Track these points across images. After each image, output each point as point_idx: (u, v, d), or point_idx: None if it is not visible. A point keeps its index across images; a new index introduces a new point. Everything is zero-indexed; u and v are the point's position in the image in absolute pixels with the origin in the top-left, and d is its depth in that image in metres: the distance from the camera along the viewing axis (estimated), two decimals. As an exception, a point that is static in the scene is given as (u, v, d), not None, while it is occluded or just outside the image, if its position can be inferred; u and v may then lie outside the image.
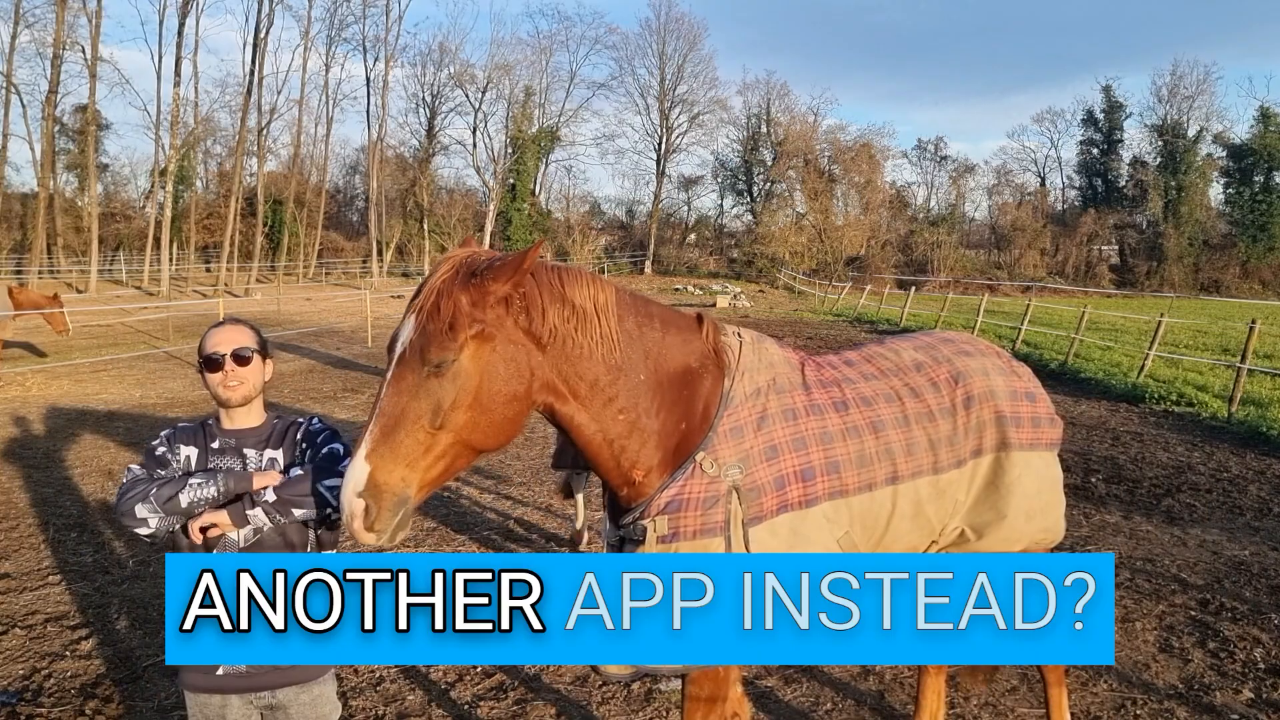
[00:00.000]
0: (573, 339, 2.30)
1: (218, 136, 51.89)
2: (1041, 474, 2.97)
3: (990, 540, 2.94)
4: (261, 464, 2.51)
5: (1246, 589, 5.67)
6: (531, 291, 2.27)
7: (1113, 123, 58.08)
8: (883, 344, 3.08)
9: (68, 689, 4.19)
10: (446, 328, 2.15)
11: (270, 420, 2.60)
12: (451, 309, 2.16)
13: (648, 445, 2.44)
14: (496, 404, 2.22)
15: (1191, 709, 4.13)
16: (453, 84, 54.71)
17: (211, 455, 2.50)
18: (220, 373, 2.46)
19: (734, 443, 2.47)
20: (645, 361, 2.44)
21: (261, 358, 2.54)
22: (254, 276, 45.37)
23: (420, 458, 2.15)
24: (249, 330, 2.56)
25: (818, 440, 2.60)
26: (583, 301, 2.33)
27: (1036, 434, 2.97)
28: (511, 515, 7.15)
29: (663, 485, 2.45)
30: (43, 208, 39.19)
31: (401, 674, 4.40)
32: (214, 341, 2.49)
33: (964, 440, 2.85)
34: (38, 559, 5.90)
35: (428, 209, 53.24)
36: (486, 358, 2.20)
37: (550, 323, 2.27)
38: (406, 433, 2.13)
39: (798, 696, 4.22)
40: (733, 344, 2.63)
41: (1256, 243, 52.66)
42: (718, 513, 2.41)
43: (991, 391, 2.91)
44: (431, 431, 2.15)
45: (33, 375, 13.90)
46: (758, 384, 2.58)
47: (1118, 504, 7.66)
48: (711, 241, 63.78)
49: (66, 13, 37.56)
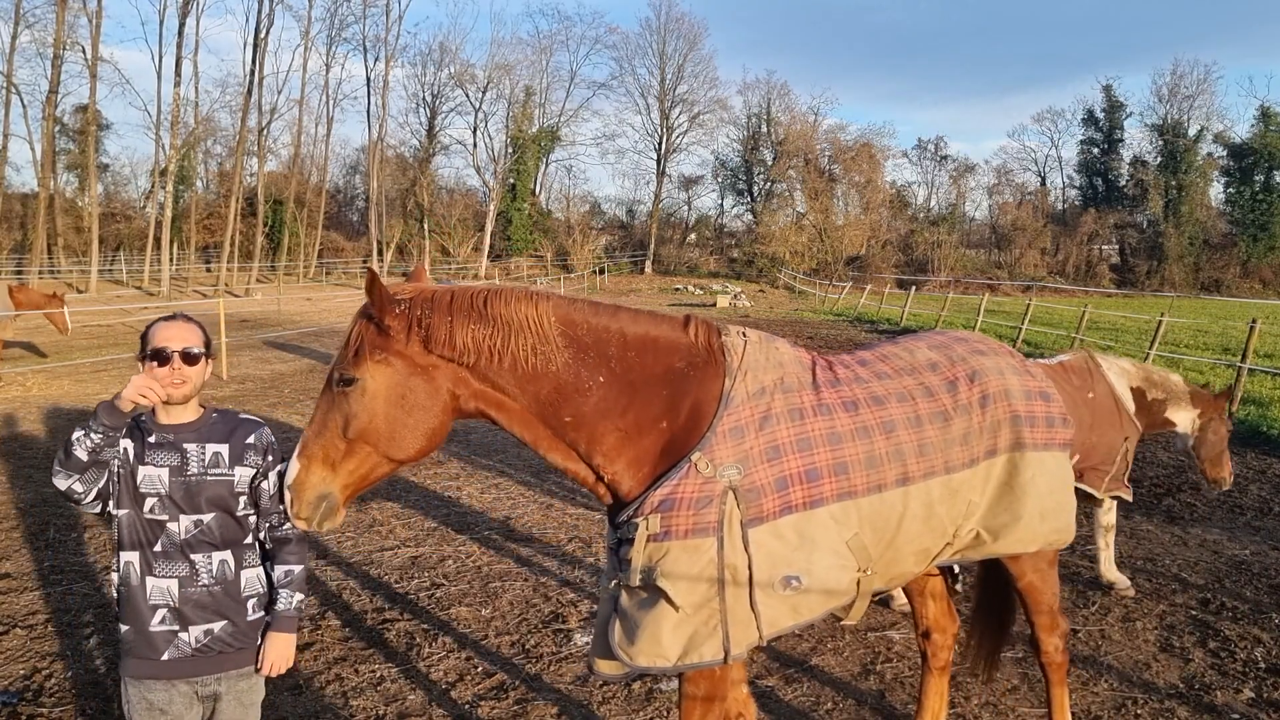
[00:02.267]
0: (499, 353, 2.46)
1: (218, 136, 51.90)
2: (1055, 474, 2.97)
3: (1006, 542, 2.93)
4: (204, 458, 2.52)
5: (1247, 588, 5.67)
6: (435, 320, 2.44)
7: (1113, 122, 58.06)
8: (896, 343, 3.06)
9: (68, 689, 4.19)
10: (352, 354, 2.43)
11: (208, 414, 2.61)
12: (358, 336, 2.45)
13: (608, 443, 2.51)
14: (404, 421, 2.43)
15: (1192, 708, 4.13)
16: (453, 84, 54.75)
17: (148, 450, 2.50)
18: (167, 368, 2.46)
19: (733, 443, 2.46)
20: (605, 364, 2.51)
21: (207, 359, 2.56)
22: (254, 276, 45.35)
23: (339, 462, 2.44)
24: (198, 329, 2.57)
25: (825, 441, 2.58)
26: (508, 317, 2.47)
27: (1051, 434, 2.97)
28: (512, 515, 7.15)
29: (656, 483, 2.45)
30: (43, 208, 39.17)
31: (402, 674, 4.40)
32: (164, 336, 2.48)
33: (978, 439, 2.83)
34: (38, 559, 5.90)
35: (428, 209, 53.21)
36: (389, 379, 2.42)
37: (460, 344, 2.44)
38: (326, 439, 2.44)
39: (798, 696, 4.22)
40: (735, 344, 2.62)
41: (1257, 242, 52.65)
42: (711, 513, 2.40)
43: (1007, 391, 2.91)
44: (347, 441, 2.42)
45: (33, 375, 13.91)
46: (763, 383, 2.57)
47: (1118, 503, 7.64)
48: (712, 241, 63.77)
49: (67, 13, 37.55)
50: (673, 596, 2.38)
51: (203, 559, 2.51)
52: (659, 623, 2.42)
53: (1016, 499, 2.88)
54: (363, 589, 5.53)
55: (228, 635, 2.54)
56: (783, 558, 2.46)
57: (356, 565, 5.94)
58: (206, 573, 2.51)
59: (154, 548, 2.48)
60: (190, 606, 2.49)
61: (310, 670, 4.43)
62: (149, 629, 2.48)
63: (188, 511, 2.49)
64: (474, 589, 5.54)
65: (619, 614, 2.52)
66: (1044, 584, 3.21)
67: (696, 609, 2.41)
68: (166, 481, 2.48)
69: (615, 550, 2.57)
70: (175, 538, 2.49)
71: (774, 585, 2.45)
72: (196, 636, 2.50)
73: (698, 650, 2.42)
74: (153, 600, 2.48)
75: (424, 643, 4.76)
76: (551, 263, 54.36)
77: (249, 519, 2.60)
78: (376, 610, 5.20)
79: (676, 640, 2.42)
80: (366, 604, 5.29)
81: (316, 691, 4.22)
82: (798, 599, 2.50)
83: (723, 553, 2.40)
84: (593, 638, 2.69)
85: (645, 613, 2.45)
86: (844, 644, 4.77)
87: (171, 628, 2.49)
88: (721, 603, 2.41)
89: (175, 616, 2.49)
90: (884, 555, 2.69)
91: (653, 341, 2.56)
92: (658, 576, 2.40)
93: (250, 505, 2.60)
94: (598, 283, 47.78)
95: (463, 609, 5.22)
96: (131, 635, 2.50)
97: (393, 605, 5.28)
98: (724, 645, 2.42)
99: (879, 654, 4.67)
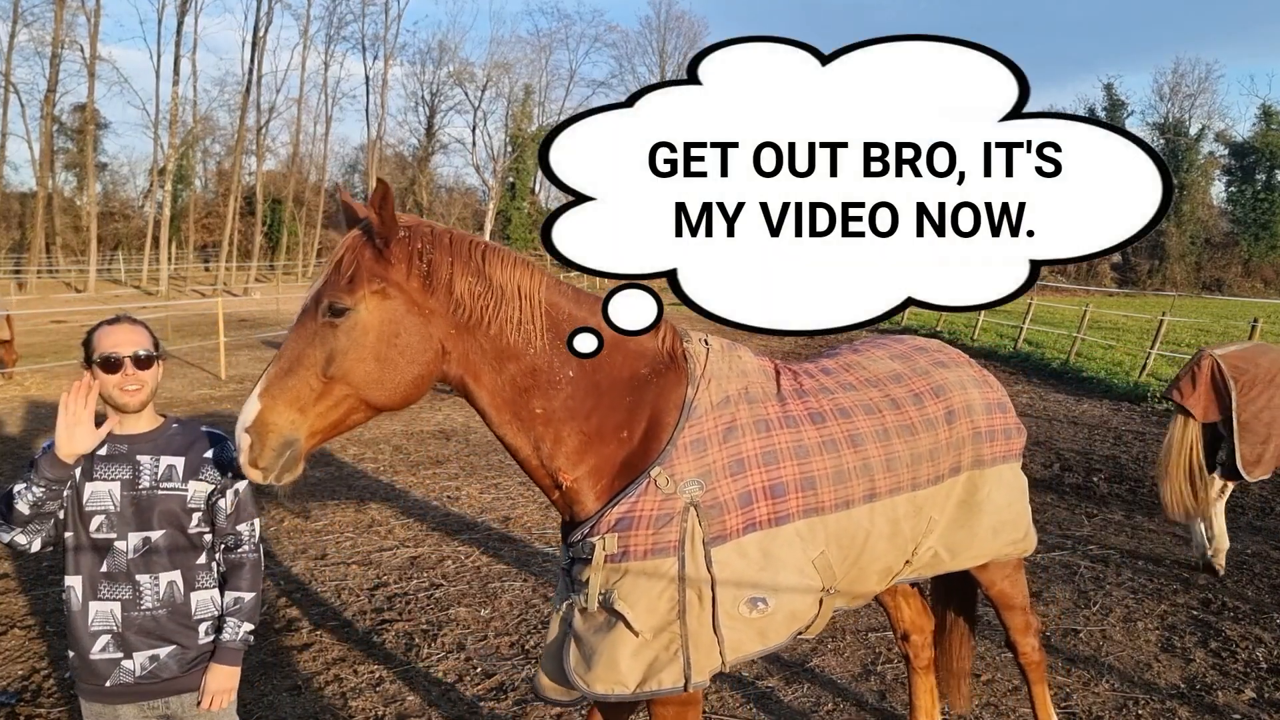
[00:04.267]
0: (487, 317, 2.25)
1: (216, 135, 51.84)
2: (1010, 485, 2.95)
3: (961, 559, 2.90)
4: (158, 471, 2.37)
5: (1248, 588, 5.66)
6: (437, 258, 2.23)
7: (1115, 121, 58.09)
8: (858, 351, 2.97)
9: (68, 689, 4.17)
10: (347, 279, 2.16)
11: (168, 424, 2.47)
12: (354, 262, 2.18)
13: (569, 446, 2.34)
14: (394, 363, 2.18)
15: (1193, 708, 4.12)
16: (452, 82, 54.72)
17: (98, 464, 2.34)
18: (119, 374, 2.32)
19: (695, 456, 2.32)
20: (575, 358, 2.32)
21: (159, 361, 2.43)
22: (253, 275, 45.34)
23: (311, 404, 2.14)
24: (145, 330, 2.42)
25: (792, 454, 2.45)
26: (502, 280, 2.26)
27: (1007, 446, 2.95)
28: (511, 515, 7.13)
29: (614, 500, 2.31)
30: (41, 207, 39.17)
31: (401, 674, 4.39)
32: (111, 341, 2.33)
33: (945, 456, 2.76)
34: (37, 559, 5.89)
35: (427, 208, 53.19)
36: (386, 314, 2.17)
37: (458, 293, 2.22)
38: (299, 378, 2.13)
39: (798, 697, 4.20)
40: (698, 351, 2.47)
41: (1258, 241, 52.66)
42: (671, 531, 2.27)
43: (969, 407, 2.86)
44: (325, 380, 2.14)
45: (31, 375, 13.89)
46: (727, 393, 2.43)
47: (1120, 503, 7.64)
48: (712, 240, 63.69)
49: (65, 11, 37.57)
50: (631, 621, 2.26)
51: (149, 580, 2.36)
52: (616, 648, 2.29)
53: (972, 516, 2.85)
54: (362, 589, 5.52)
55: (174, 662, 2.40)
56: (748, 578, 2.34)
57: (355, 565, 5.93)
58: (152, 595, 2.36)
59: (100, 568, 2.34)
60: (133, 632, 2.35)
61: (309, 670, 4.42)
62: (90, 656, 2.34)
63: (136, 528, 2.35)
64: (473, 589, 5.52)
65: (575, 638, 2.38)
66: (1014, 589, 3.20)
67: (656, 633, 2.29)
68: (117, 496, 2.34)
69: (568, 570, 2.42)
70: (122, 557, 2.34)
71: (739, 607, 2.33)
72: (141, 663, 2.36)
73: (657, 677, 2.29)
74: (94, 626, 2.34)
75: (423, 643, 4.74)
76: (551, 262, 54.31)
77: (203, 537, 2.46)
78: (375, 610, 5.19)
79: (636, 667, 2.29)
80: (365, 604, 5.28)
81: (316, 691, 4.20)
82: (764, 622, 2.38)
83: (684, 573, 2.27)
84: (542, 660, 2.55)
85: (602, 637, 2.32)
86: (844, 644, 4.75)
87: (114, 655, 2.35)
88: (683, 627, 2.28)
89: (118, 643, 2.35)
90: (849, 574, 2.60)
91: (623, 343, 2.39)
92: (615, 600, 2.27)
93: (205, 523, 2.45)
94: (597, 282, 47.76)
95: (462, 609, 5.21)
96: (76, 661, 2.38)
97: (392, 605, 5.26)
98: (685, 671, 2.29)
99: (879, 654, 4.65)
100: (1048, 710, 3.43)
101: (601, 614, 2.33)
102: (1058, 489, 8.06)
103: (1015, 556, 3.11)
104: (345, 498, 7.58)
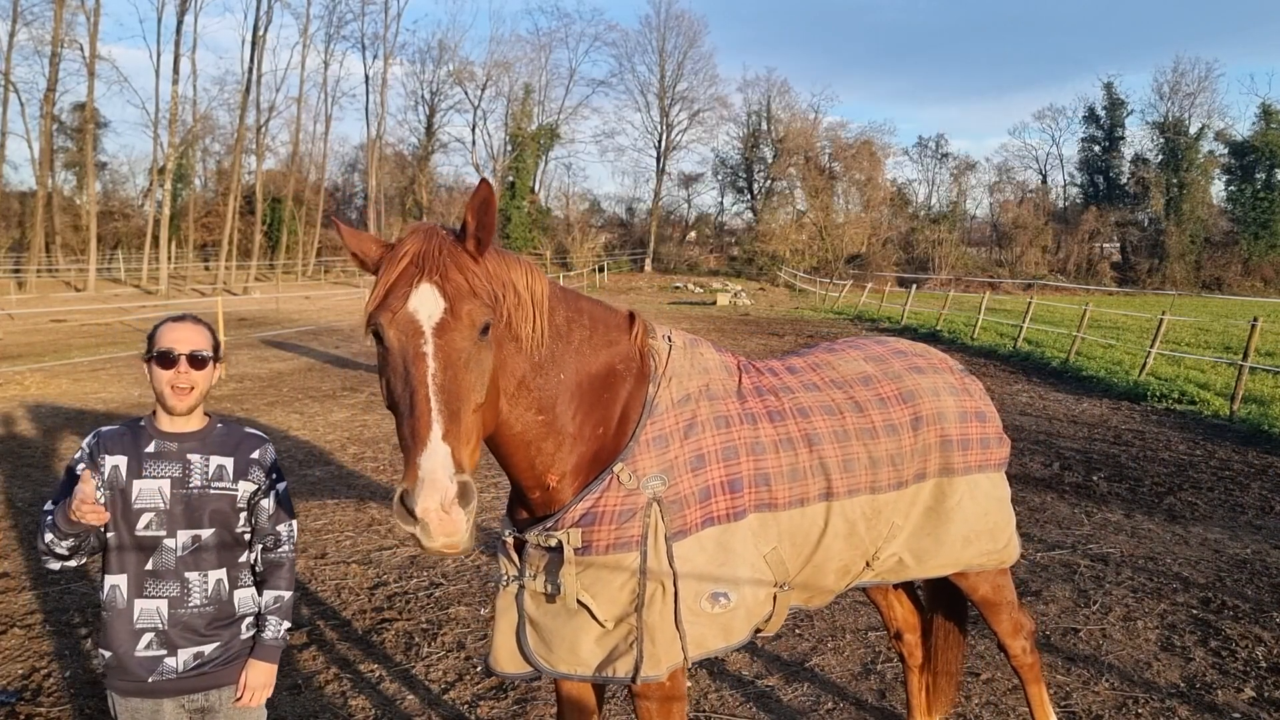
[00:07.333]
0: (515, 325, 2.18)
1: (216, 134, 51.95)
2: (990, 494, 2.93)
3: (928, 567, 2.89)
4: (208, 471, 2.39)
5: (1248, 587, 5.66)
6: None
7: (1114, 120, 58.02)
8: (833, 352, 2.97)
9: (66, 688, 4.18)
10: (489, 292, 2.03)
11: (213, 424, 2.48)
12: (484, 276, 2.04)
13: (563, 449, 2.33)
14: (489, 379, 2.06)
15: (1193, 708, 4.12)
16: (452, 81, 54.79)
17: (147, 461, 2.35)
18: (172, 371, 2.33)
19: (657, 452, 2.35)
20: (569, 360, 2.32)
21: (215, 363, 2.43)
22: (253, 274, 45.35)
23: (473, 441, 1.93)
24: (208, 332, 2.43)
25: (748, 450, 2.47)
26: (523, 289, 2.17)
27: (985, 455, 2.92)
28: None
29: (578, 496, 2.33)
30: (41, 206, 39.17)
31: (401, 674, 4.39)
32: (172, 337, 2.35)
33: (909, 462, 2.76)
34: (36, 559, 5.88)
35: (427, 207, 53.21)
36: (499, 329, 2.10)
37: (506, 305, 2.12)
38: (466, 413, 1.90)
39: (798, 696, 4.20)
40: (660, 348, 2.49)
41: (1258, 240, 52.66)
42: (633, 527, 2.29)
43: (940, 414, 2.84)
44: (478, 407, 1.96)
45: (31, 374, 13.88)
46: (687, 390, 2.46)
47: (1119, 502, 7.64)
48: (712, 239, 63.73)
49: (65, 10, 37.56)
50: (595, 612, 2.30)
51: (198, 578, 2.38)
52: (579, 634, 2.33)
53: (940, 524, 2.83)
54: (362, 589, 5.52)
55: (217, 656, 2.44)
56: (709, 573, 2.36)
57: (355, 564, 5.93)
58: (200, 593, 2.38)
59: (145, 566, 2.35)
60: (179, 629, 2.37)
61: (310, 670, 4.42)
62: (134, 654, 2.35)
63: (186, 526, 2.36)
64: (473, 589, 5.52)
65: (532, 622, 2.41)
66: (998, 594, 3.16)
67: (617, 623, 2.32)
68: (167, 494, 2.35)
69: (518, 550, 2.44)
70: (170, 555, 2.35)
71: (700, 602, 2.35)
72: (185, 661, 2.39)
73: (613, 665, 2.32)
74: (139, 623, 2.36)
75: (423, 642, 4.74)
76: (551, 261, 54.34)
77: (246, 536, 2.49)
78: (375, 610, 5.19)
79: (598, 652, 2.34)
80: (365, 604, 5.28)
81: (316, 691, 4.20)
82: (727, 618, 2.40)
83: (646, 567, 2.29)
84: (492, 638, 2.54)
85: (563, 622, 2.35)
86: (844, 644, 4.75)
87: (158, 653, 2.36)
88: (640, 620, 2.30)
89: (162, 641, 2.36)
90: (803, 571, 2.61)
91: (604, 341, 2.41)
92: (580, 592, 2.30)
93: (249, 522, 2.49)
94: (597, 281, 47.73)
95: (461, 609, 5.21)
96: (114, 661, 2.38)
97: (391, 604, 5.26)
98: (636, 663, 2.30)
99: (879, 653, 4.65)
100: (1045, 710, 3.41)
101: (565, 602, 2.35)
102: (1058, 488, 8.05)
103: (992, 568, 3.06)
104: (345, 497, 7.58)
